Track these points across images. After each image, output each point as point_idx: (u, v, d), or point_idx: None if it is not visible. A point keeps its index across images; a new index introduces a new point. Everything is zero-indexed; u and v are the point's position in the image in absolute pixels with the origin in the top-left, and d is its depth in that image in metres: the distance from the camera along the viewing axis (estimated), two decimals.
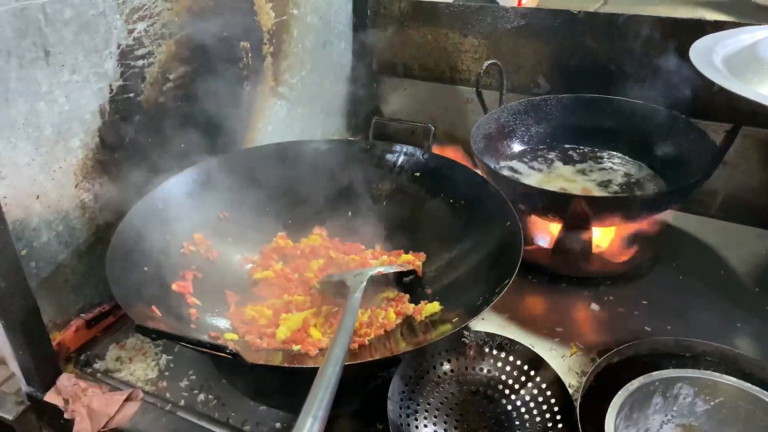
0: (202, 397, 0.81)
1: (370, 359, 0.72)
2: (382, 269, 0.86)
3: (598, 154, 1.21)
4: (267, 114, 1.20)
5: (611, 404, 0.71)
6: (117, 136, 0.88)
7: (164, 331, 0.62)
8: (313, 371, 0.59)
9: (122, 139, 0.89)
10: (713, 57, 0.92)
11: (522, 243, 0.79)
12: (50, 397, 0.78)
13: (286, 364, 0.70)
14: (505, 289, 0.72)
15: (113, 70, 0.84)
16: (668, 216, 1.10)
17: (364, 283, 0.80)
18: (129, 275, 0.77)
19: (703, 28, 1.08)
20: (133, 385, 0.83)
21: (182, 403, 0.81)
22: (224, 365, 0.82)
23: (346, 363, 0.61)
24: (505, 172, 1.14)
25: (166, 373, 0.85)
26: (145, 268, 0.81)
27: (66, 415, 0.77)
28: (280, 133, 1.23)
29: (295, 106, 1.27)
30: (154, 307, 0.75)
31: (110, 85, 0.85)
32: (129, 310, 0.69)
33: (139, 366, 0.87)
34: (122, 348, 0.90)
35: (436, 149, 1.11)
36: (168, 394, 0.82)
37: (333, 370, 0.58)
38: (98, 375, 0.85)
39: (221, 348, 0.61)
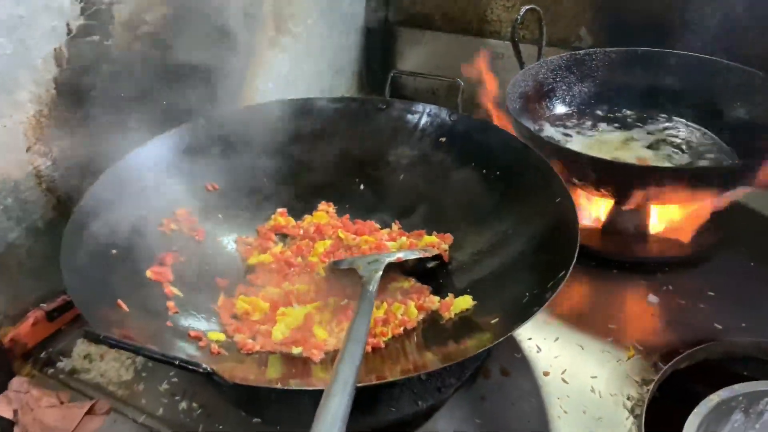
0: (184, 405, 0.72)
1: (390, 379, 0.57)
2: (401, 255, 0.75)
3: (652, 117, 1.09)
4: (266, 69, 1.10)
5: (687, 423, 0.63)
6: (79, 90, 0.76)
7: (119, 341, 0.48)
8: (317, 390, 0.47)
9: (86, 93, 0.77)
10: None
11: (578, 224, 0.66)
12: None
13: (279, 385, 0.56)
14: (562, 283, 0.58)
15: (70, 4, 0.72)
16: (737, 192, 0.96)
17: (380, 273, 0.69)
18: (91, 260, 0.67)
19: None
20: (104, 388, 0.74)
21: (160, 411, 0.71)
22: None
23: (359, 385, 0.47)
24: (544, 137, 1.00)
25: (144, 374, 0.76)
26: (113, 251, 0.71)
27: (16, 430, 0.66)
28: (282, 91, 1.14)
29: (300, 61, 1.18)
30: (120, 301, 0.64)
31: (68, 24, 0.73)
32: (82, 307, 0.58)
33: (112, 365, 0.77)
34: (92, 343, 0.78)
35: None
36: (144, 401, 0.72)
37: (341, 401, 0.43)
38: (61, 376, 0.77)
39: (193, 365, 0.47)
